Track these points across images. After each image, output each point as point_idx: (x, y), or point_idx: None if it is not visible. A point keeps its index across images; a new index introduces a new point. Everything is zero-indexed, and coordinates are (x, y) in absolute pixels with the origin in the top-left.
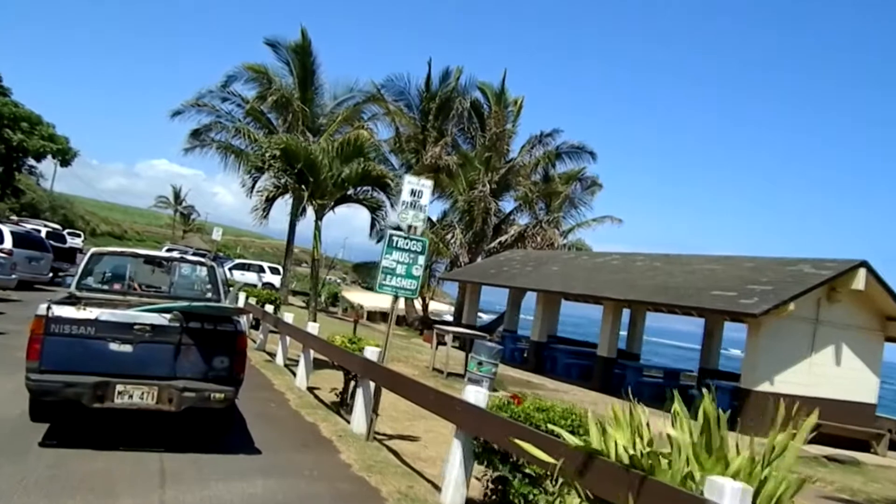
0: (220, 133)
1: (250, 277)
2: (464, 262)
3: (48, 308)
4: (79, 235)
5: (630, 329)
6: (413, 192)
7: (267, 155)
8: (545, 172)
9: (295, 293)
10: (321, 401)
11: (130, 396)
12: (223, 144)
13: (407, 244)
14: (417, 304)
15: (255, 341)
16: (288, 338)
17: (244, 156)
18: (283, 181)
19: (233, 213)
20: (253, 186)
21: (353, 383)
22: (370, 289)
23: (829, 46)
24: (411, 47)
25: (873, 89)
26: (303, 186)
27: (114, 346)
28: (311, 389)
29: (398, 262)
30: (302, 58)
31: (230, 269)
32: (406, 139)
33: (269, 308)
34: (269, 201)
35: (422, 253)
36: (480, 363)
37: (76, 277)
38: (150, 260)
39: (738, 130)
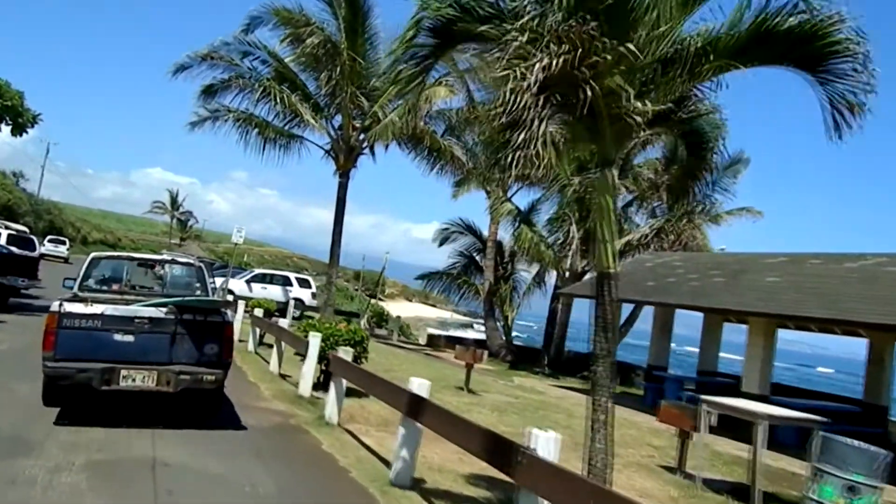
0: (240, 96)
1: (274, 292)
2: (572, 269)
3: (60, 305)
4: (63, 242)
5: (872, 367)
6: None
7: None
8: (670, 150)
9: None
10: None
11: (133, 380)
12: (244, 115)
13: None
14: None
15: (371, 450)
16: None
17: (270, 129)
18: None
19: (228, 221)
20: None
21: None
22: (373, 298)
23: None
24: None
25: None
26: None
27: (118, 337)
28: None
29: None
30: None
31: (247, 282)
32: (485, 107)
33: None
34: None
35: None
36: (852, 489)
37: (78, 280)
38: (144, 262)
39: None
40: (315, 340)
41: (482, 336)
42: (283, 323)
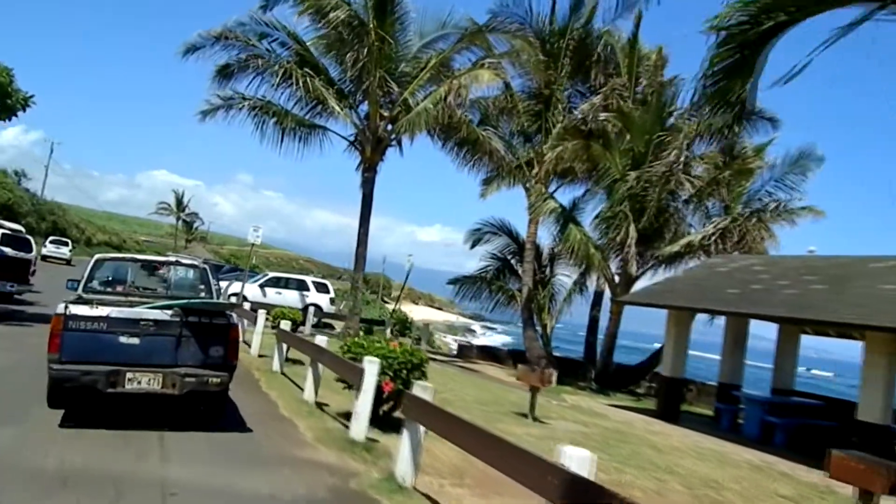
0: (257, 80)
1: (290, 298)
2: (625, 273)
3: (66, 307)
4: (66, 244)
5: None
6: None
7: None
8: (728, 144)
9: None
10: None
11: (139, 382)
12: (260, 102)
13: None
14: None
15: None
16: None
17: (289, 118)
18: None
19: (233, 223)
20: None
21: None
22: (386, 303)
23: None
24: None
25: None
26: None
27: (123, 339)
28: None
29: None
30: None
31: (261, 287)
32: (522, 96)
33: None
34: None
35: None
36: None
37: (82, 281)
38: (148, 264)
39: None
40: (372, 368)
41: (491, 342)
42: (322, 341)
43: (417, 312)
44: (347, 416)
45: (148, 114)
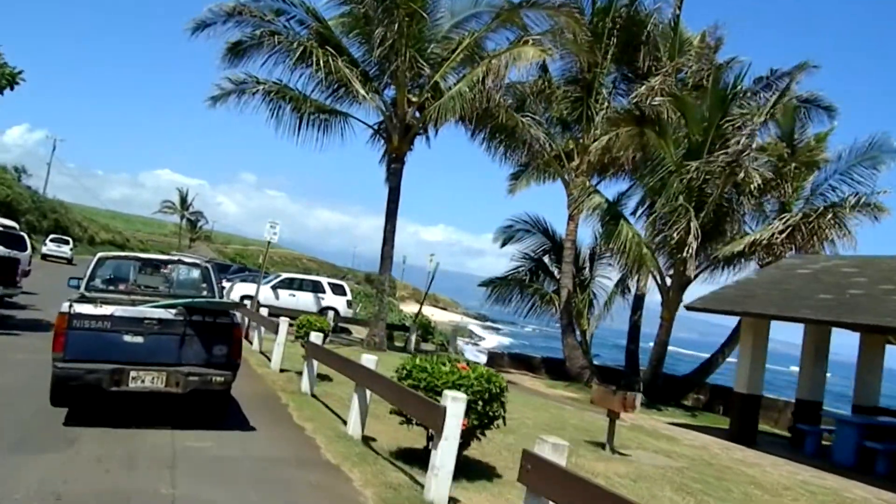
0: (272, 60)
1: (304, 300)
2: (679, 274)
3: (70, 306)
4: (67, 242)
5: None
6: None
7: None
8: (787, 134)
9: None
10: None
11: (143, 381)
12: (276, 86)
13: None
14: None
15: None
16: None
17: (308, 103)
18: None
19: (237, 223)
20: None
21: None
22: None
23: None
24: None
25: None
26: None
27: (127, 338)
28: None
29: None
30: None
31: (273, 289)
32: (560, 81)
33: None
34: None
35: None
36: None
37: (85, 280)
38: (151, 263)
39: None
40: (457, 408)
41: (492, 344)
42: (370, 361)
43: (423, 313)
44: (405, 456)
45: (152, 113)
